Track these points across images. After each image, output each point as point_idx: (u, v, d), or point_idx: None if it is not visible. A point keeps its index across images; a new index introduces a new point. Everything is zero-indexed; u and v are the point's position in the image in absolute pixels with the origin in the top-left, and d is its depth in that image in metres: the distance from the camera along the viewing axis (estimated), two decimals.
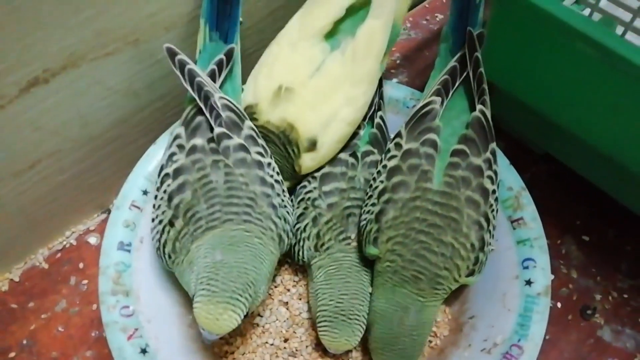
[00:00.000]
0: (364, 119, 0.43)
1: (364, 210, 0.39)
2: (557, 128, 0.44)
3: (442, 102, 0.39)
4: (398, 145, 0.39)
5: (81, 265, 0.47)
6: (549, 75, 0.42)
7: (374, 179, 0.40)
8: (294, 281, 0.43)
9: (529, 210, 0.41)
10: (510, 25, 0.41)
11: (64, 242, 0.48)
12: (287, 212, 0.39)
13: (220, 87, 0.41)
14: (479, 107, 0.39)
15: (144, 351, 0.35)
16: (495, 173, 0.39)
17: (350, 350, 0.40)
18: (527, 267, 0.39)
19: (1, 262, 0.46)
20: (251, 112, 0.40)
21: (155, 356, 0.35)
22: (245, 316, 0.33)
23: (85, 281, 0.46)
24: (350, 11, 0.41)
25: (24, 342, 0.43)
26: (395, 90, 0.47)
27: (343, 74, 0.40)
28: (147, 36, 0.40)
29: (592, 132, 0.41)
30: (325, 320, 0.38)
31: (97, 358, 0.43)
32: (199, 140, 0.37)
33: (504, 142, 0.52)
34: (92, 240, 0.48)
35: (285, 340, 0.41)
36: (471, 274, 0.37)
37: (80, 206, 0.47)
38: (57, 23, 0.34)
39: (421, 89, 0.46)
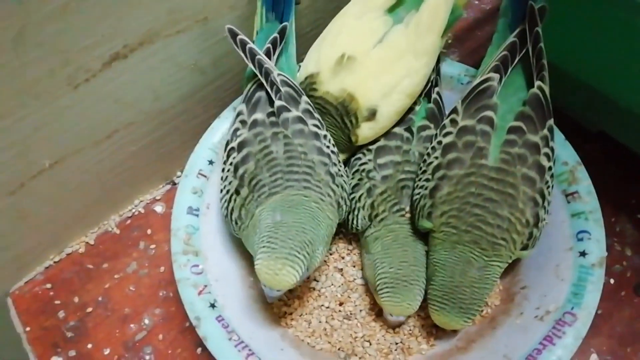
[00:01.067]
0: (420, 94, 0.44)
1: (417, 185, 0.40)
2: (613, 105, 0.43)
3: (500, 80, 0.40)
4: (454, 122, 0.40)
5: (149, 231, 0.51)
6: (607, 51, 0.41)
7: (428, 155, 0.41)
8: (348, 249, 0.45)
9: (585, 184, 0.41)
10: (566, 1, 0.40)
11: (133, 210, 0.52)
12: (344, 181, 0.40)
13: (276, 64, 0.43)
14: (537, 83, 0.39)
15: (212, 306, 0.38)
16: (552, 150, 0.39)
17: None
18: (581, 239, 0.39)
19: (78, 226, 0.49)
20: (312, 81, 0.42)
21: (223, 311, 0.38)
22: (303, 274, 0.35)
23: (153, 246, 0.50)
24: None
25: (100, 299, 0.47)
26: (449, 67, 0.48)
27: (406, 46, 0.41)
28: (214, 14, 0.42)
29: None
30: (386, 286, 0.39)
31: (165, 315, 0.46)
32: (259, 115, 0.40)
33: (556, 119, 0.52)
34: (158, 208, 0.52)
35: (341, 304, 0.43)
36: (525, 248, 0.38)
37: (148, 176, 0.51)
38: (135, 2, 0.36)
39: (473, 67, 0.47)
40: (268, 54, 0.42)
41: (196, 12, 0.41)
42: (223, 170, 0.40)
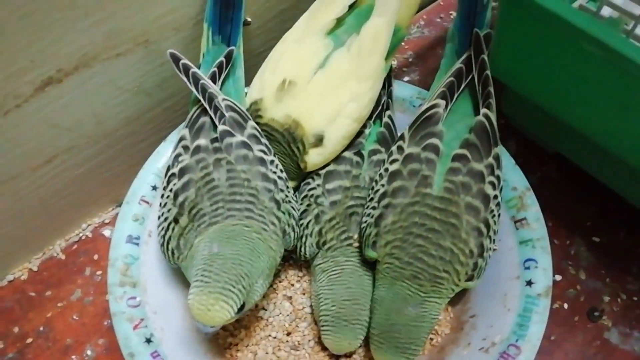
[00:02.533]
0: (370, 117, 0.43)
1: (365, 213, 0.40)
2: (567, 128, 0.43)
3: (446, 106, 0.39)
4: (400, 149, 0.39)
5: (96, 256, 0.49)
6: (558, 75, 0.41)
7: (376, 182, 0.40)
8: (298, 276, 0.44)
9: (533, 211, 0.40)
10: (517, 26, 0.40)
11: (80, 234, 0.50)
12: (292, 207, 0.39)
13: (222, 88, 0.42)
14: (483, 110, 0.39)
15: (148, 340, 0.36)
16: (498, 178, 0.38)
17: None
18: (528, 268, 0.39)
19: (21, 252, 0.48)
20: (256, 108, 0.41)
21: (159, 345, 0.36)
22: (240, 309, 0.34)
23: (99, 272, 0.48)
24: (352, 9, 0.42)
25: (41, 328, 0.45)
26: (402, 89, 0.47)
27: (349, 70, 0.40)
28: (156, 37, 0.41)
29: (601, 132, 0.41)
30: (328, 324, 0.39)
31: (108, 346, 0.45)
32: (202, 141, 0.39)
33: (514, 140, 0.52)
34: (107, 232, 0.50)
35: (288, 334, 0.42)
36: (470, 279, 0.37)
37: (96, 200, 0.49)
38: (67, 26, 0.35)
39: (426, 88, 0.46)
40: (214, 78, 0.41)
41: (136, 35, 0.40)
42: (162, 196, 0.39)
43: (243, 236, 0.35)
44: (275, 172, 0.39)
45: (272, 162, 0.39)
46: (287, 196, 0.39)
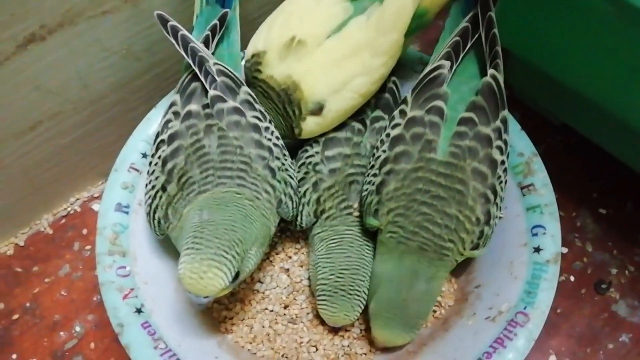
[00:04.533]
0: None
1: (366, 181, 0.38)
2: (575, 96, 0.41)
3: (451, 67, 0.37)
4: (402, 113, 0.38)
5: (85, 231, 0.47)
6: (566, 39, 0.39)
7: (377, 148, 0.38)
8: (296, 248, 0.43)
9: (540, 177, 0.39)
10: None
11: (68, 209, 0.48)
12: (290, 176, 0.38)
13: (215, 52, 0.40)
14: (490, 71, 0.37)
15: (139, 311, 0.34)
16: (505, 143, 0.37)
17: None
18: (536, 234, 0.37)
19: (7, 226, 0.46)
20: (257, 61, 0.39)
21: (150, 316, 0.35)
22: (234, 278, 0.32)
23: (88, 247, 0.46)
24: None
25: (27, 305, 0.44)
26: (403, 54, 0.45)
27: (364, 41, 0.38)
28: None
29: (611, 98, 0.39)
30: (324, 294, 0.37)
31: (98, 322, 0.43)
32: (193, 106, 0.37)
33: (519, 112, 0.50)
34: (96, 207, 0.48)
35: (286, 307, 0.40)
36: (476, 247, 0.35)
37: (84, 173, 0.47)
38: None
39: (428, 53, 0.45)
40: (207, 41, 0.39)
41: None
42: (150, 163, 0.37)
43: (234, 203, 0.33)
44: (270, 140, 0.37)
45: (267, 128, 0.37)
46: (283, 164, 0.37)
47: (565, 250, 0.45)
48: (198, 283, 0.31)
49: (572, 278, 0.45)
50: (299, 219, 0.39)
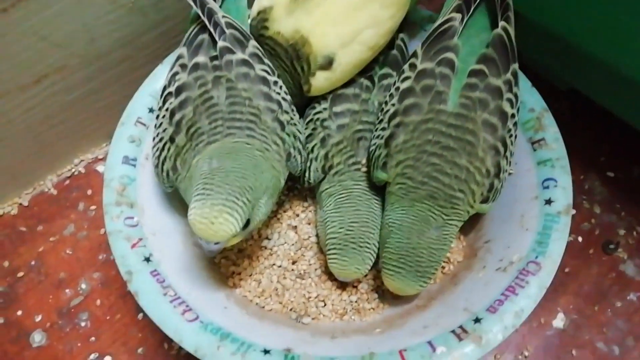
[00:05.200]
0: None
1: (374, 135, 0.38)
2: (584, 57, 0.41)
3: (462, 19, 0.37)
4: (412, 66, 0.37)
5: (89, 192, 0.47)
6: None
7: (386, 102, 0.38)
8: (303, 206, 0.42)
9: (551, 132, 0.38)
10: None
11: (73, 170, 0.48)
12: (298, 130, 0.37)
13: (222, 5, 0.39)
14: (501, 24, 0.36)
15: (147, 260, 0.34)
16: (516, 96, 0.36)
17: None
18: (547, 187, 0.37)
19: (11, 186, 0.45)
20: (263, 17, 0.39)
21: (159, 265, 0.34)
22: (245, 226, 0.32)
23: (93, 207, 0.46)
24: None
25: (32, 263, 0.43)
26: (412, 12, 0.45)
27: None
28: None
29: (622, 56, 0.39)
30: (334, 248, 0.37)
31: (104, 280, 0.43)
32: (201, 58, 0.36)
33: (525, 77, 0.50)
34: (100, 168, 0.48)
35: (294, 263, 0.40)
36: (485, 200, 0.35)
37: (88, 133, 0.47)
38: None
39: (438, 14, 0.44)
40: None
41: None
42: (157, 116, 0.37)
43: (245, 152, 0.33)
44: (279, 93, 0.37)
45: (275, 82, 0.37)
46: (292, 118, 0.37)
47: (573, 212, 0.45)
48: (209, 228, 0.30)
49: (580, 239, 0.45)
50: (306, 174, 0.39)
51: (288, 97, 0.38)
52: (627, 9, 0.36)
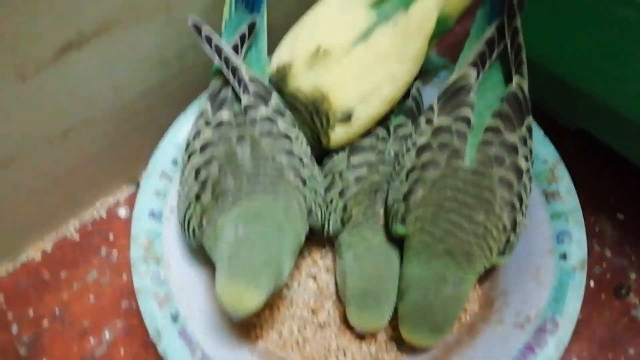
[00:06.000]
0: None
1: (392, 188, 0.39)
2: (592, 101, 0.42)
3: (477, 75, 0.38)
4: (429, 121, 0.38)
5: (111, 236, 0.48)
6: (586, 45, 0.40)
7: (403, 156, 0.39)
8: (322, 253, 0.43)
9: (564, 183, 0.40)
10: None
11: (94, 214, 0.48)
12: (319, 186, 0.38)
13: (244, 60, 0.40)
14: (515, 79, 0.37)
15: (174, 318, 0.35)
16: (530, 150, 0.37)
17: None
18: (562, 241, 0.38)
19: (34, 232, 0.46)
20: (283, 73, 0.39)
21: (186, 324, 0.35)
22: (270, 294, 0.32)
23: (115, 252, 0.47)
24: None
25: (57, 311, 0.44)
26: (426, 59, 0.46)
27: (391, 49, 0.38)
28: (177, 2, 0.39)
29: (632, 105, 0.40)
30: (355, 300, 0.37)
31: (127, 328, 0.43)
32: (225, 115, 0.37)
33: (534, 117, 0.51)
34: (122, 212, 0.49)
35: (313, 312, 0.41)
36: (502, 254, 0.36)
37: (111, 178, 0.48)
38: None
39: (450, 57, 0.45)
40: (236, 48, 0.39)
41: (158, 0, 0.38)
42: (183, 173, 0.38)
43: (269, 215, 0.34)
44: (301, 149, 0.38)
45: (297, 137, 0.38)
46: (312, 174, 0.38)
47: (586, 256, 0.46)
48: (236, 303, 0.31)
49: (591, 283, 0.46)
50: (326, 226, 0.40)
51: (309, 151, 0.39)
52: (634, 57, 0.38)
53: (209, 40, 0.38)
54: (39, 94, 0.36)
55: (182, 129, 0.41)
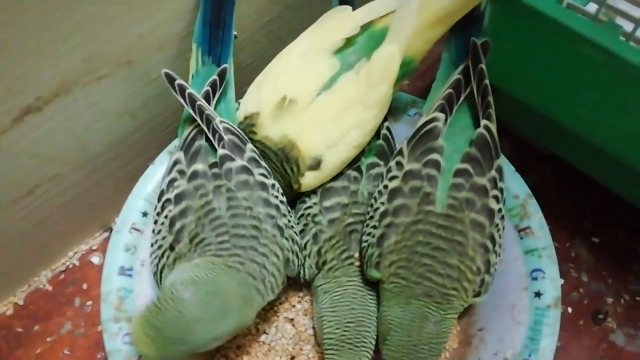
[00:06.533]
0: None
1: (365, 232, 0.39)
2: (564, 129, 0.43)
3: (445, 119, 0.38)
4: (399, 165, 0.38)
5: (85, 286, 0.47)
6: (553, 78, 0.41)
7: (375, 199, 0.39)
8: (299, 297, 0.43)
9: (536, 219, 0.40)
10: (509, 28, 0.39)
11: (67, 263, 0.48)
12: (295, 233, 0.38)
13: (214, 108, 0.40)
14: (483, 122, 0.37)
15: None
16: (501, 191, 0.38)
17: None
18: (535, 278, 0.38)
19: (5, 285, 0.45)
20: (251, 123, 0.39)
21: None
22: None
23: (89, 302, 0.46)
24: (363, 29, 0.40)
25: None
26: (395, 98, 0.46)
27: (356, 96, 0.39)
28: (140, 56, 0.39)
29: (599, 134, 0.40)
30: (332, 349, 0.37)
31: None
32: (200, 166, 0.37)
33: (508, 142, 0.51)
34: (95, 260, 0.48)
35: (292, 358, 0.40)
36: (477, 295, 0.36)
37: (82, 226, 0.47)
38: (45, 52, 0.33)
39: (422, 91, 0.45)
40: (207, 97, 0.39)
41: (118, 55, 0.38)
42: (156, 222, 0.37)
43: (221, 292, 0.33)
44: (277, 197, 0.38)
45: (273, 185, 0.38)
46: (289, 221, 0.38)
47: (561, 281, 0.46)
48: (138, 342, 0.32)
49: (569, 309, 0.46)
50: (302, 272, 0.39)
51: (284, 198, 0.39)
52: (602, 93, 0.38)
53: (182, 90, 0.38)
54: None
55: (150, 181, 0.41)
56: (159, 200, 0.38)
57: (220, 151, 0.37)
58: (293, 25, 0.48)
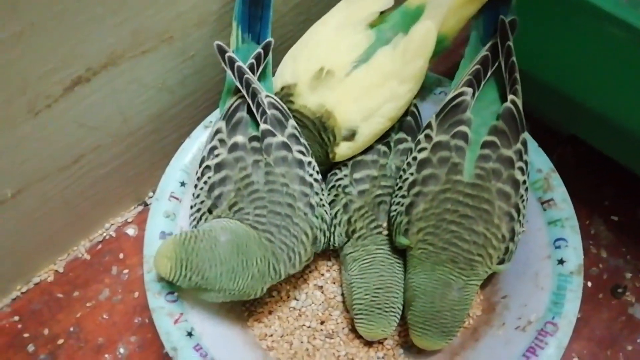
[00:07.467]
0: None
1: (394, 202, 0.40)
2: (584, 109, 0.44)
3: (473, 93, 0.39)
4: (428, 137, 0.40)
5: (121, 255, 0.49)
6: (577, 57, 0.42)
7: (404, 170, 0.40)
8: (328, 266, 0.45)
9: (559, 192, 0.41)
10: (535, 8, 0.41)
11: (104, 234, 0.50)
12: (325, 211, 0.39)
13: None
14: (510, 97, 0.39)
15: (189, 334, 0.36)
16: (526, 163, 0.39)
17: None
18: (559, 247, 0.39)
19: (46, 254, 0.48)
20: (289, 92, 0.41)
21: (201, 339, 0.36)
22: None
23: (126, 271, 0.48)
24: (397, 4, 0.41)
25: (71, 329, 0.45)
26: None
27: (392, 70, 0.40)
28: (180, 33, 0.41)
29: (622, 112, 0.41)
30: (361, 313, 0.39)
31: (141, 343, 0.45)
32: (240, 138, 0.38)
33: (529, 124, 0.52)
34: (130, 231, 0.50)
35: (322, 323, 0.42)
36: (501, 262, 0.38)
37: (119, 199, 0.49)
38: (96, 25, 0.35)
39: (444, 75, 0.47)
40: (252, 69, 0.40)
41: (161, 31, 0.40)
42: (196, 186, 0.39)
43: (246, 251, 0.35)
44: (312, 175, 0.39)
45: (309, 163, 0.39)
46: (321, 199, 0.39)
47: (582, 261, 0.48)
48: (159, 265, 0.34)
49: (589, 284, 0.47)
50: (331, 239, 0.41)
51: (319, 176, 0.40)
52: (624, 72, 0.39)
53: (231, 62, 0.39)
54: (50, 127, 0.38)
55: (187, 153, 0.42)
56: (200, 164, 0.39)
57: (263, 126, 0.38)
58: (321, 7, 0.50)
